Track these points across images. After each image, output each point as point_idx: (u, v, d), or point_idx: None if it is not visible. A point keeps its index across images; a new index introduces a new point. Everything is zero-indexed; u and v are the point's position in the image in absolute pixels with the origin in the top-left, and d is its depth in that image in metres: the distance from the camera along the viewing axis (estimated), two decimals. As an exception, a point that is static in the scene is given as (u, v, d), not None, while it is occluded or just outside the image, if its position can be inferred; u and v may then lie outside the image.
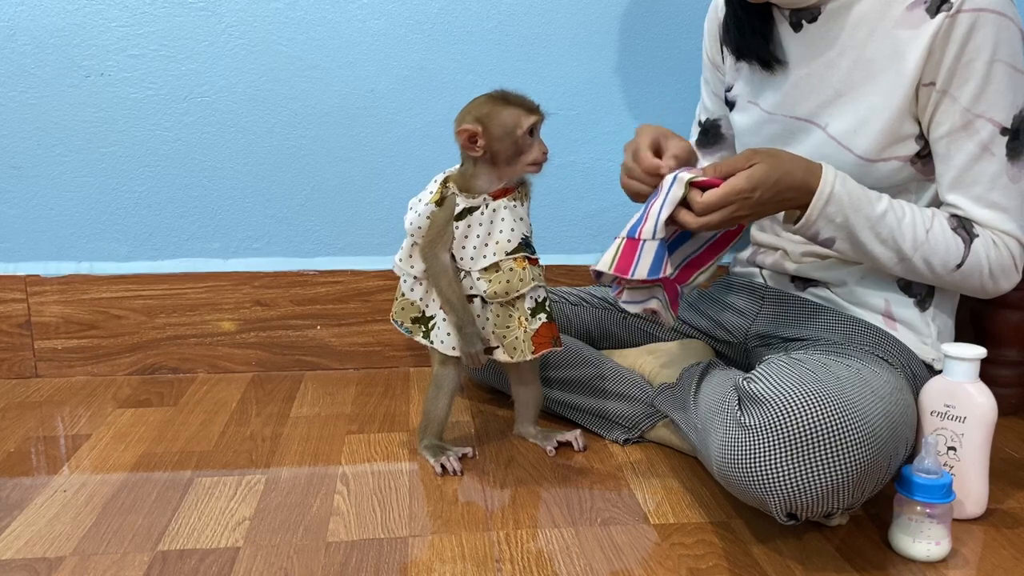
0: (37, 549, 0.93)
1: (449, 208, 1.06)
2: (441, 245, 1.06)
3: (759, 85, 1.12)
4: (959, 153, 0.97)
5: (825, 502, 0.85)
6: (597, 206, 1.53)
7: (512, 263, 1.06)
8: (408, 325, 1.14)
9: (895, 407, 0.90)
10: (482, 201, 1.06)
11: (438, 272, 1.07)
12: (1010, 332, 1.28)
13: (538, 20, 1.46)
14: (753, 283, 1.21)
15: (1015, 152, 0.96)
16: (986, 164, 0.97)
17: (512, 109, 1.04)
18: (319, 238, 1.50)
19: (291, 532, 0.97)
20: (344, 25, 1.43)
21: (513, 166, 1.05)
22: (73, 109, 1.41)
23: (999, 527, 0.99)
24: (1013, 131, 0.96)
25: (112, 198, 1.45)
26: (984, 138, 0.96)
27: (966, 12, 0.93)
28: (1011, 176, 0.97)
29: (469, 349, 1.07)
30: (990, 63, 0.94)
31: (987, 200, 0.98)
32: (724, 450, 0.89)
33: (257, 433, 1.25)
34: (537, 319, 1.08)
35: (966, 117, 0.96)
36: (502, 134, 1.03)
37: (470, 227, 1.06)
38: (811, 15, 1.03)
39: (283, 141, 1.46)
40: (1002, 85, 0.94)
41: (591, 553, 0.93)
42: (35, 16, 1.37)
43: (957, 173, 0.98)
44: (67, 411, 1.33)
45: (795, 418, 0.84)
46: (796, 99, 1.07)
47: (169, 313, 1.48)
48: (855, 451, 0.83)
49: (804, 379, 0.88)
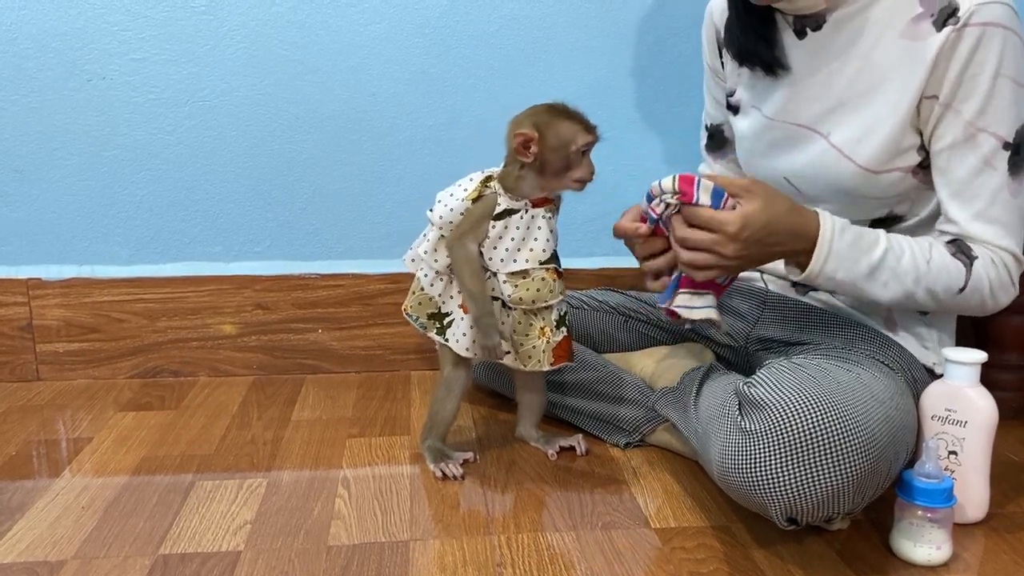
0: (39, 552, 0.93)
1: (488, 205, 1.06)
2: (472, 237, 1.06)
3: (760, 90, 1.12)
4: (961, 167, 0.97)
5: (825, 507, 0.85)
6: (598, 210, 1.53)
7: (544, 273, 1.07)
8: (423, 320, 1.13)
9: (896, 412, 0.90)
10: (523, 205, 1.06)
11: (463, 261, 1.06)
12: (1011, 336, 1.28)
13: (539, 25, 1.46)
14: (754, 287, 1.22)
15: (1016, 167, 0.96)
16: (987, 178, 0.96)
17: (572, 124, 1.04)
18: (321, 242, 1.51)
19: (292, 536, 0.97)
20: (345, 29, 1.43)
21: (559, 179, 1.05)
22: (75, 113, 1.41)
23: (1000, 531, 0.99)
24: (1015, 145, 0.95)
25: (114, 201, 1.45)
26: (986, 152, 0.95)
27: (973, 26, 0.92)
28: (1012, 191, 0.97)
29: (487, 341, 1.06)
30: (995, 77, 0.93)
31: (987, 215, 0.97)
32: (725, 455, 0.89)
33: (258, 437, 1.25)
34: (560, 332, 1.09)
35: (969, 131, 0.95)
36: (557, 145, 1.03)
37: (507, 228, 1.05)
38: (816, 23, 1.03)
39: (285, 145, 1.46)
40: (1006, 100, 0.94)
41: (592, 557, 0.93)
42: (37, 20, 1.38)
43: (958, 187, 0.98)
44: (68, 414, 1.33)
45: (795, 423, 0.84)
46: (798, 106, 1.07)
47: (171, 316, 1.48)
48: (855, 456, 0.83)
49: (804, 384, 0.88)
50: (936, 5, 0.95)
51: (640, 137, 1.52)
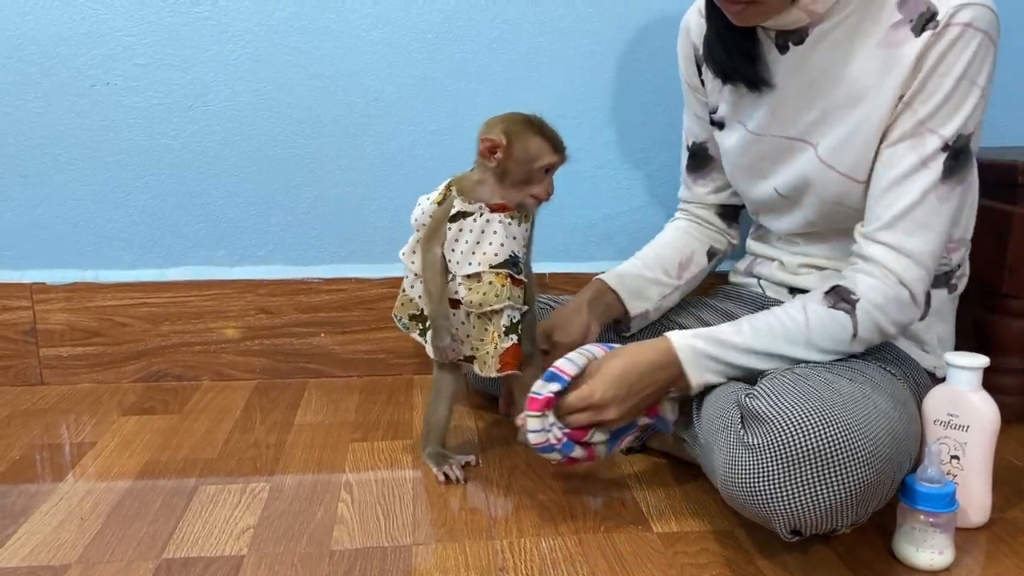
0: (42, 557, 0.93)
1: (447, 208, 1.07)
2: (435, 241, 1.07)
3: (744, 106, 1.11)
4: (900, 163, 0.96)
5: (829, 520, 0.85)
6: (600, 214, 1.54)
7: (493, 276, 1.05)
8: (406, 321, 1.16)
9: (899, 423, 0.90)
10: (477, 209, 1.06)
11: (427, 264, 1.08)
12: (1013, 340, 1.28)
13: (541, 30, 1.46)
14: (752, 293, 1.22)
15: (951, 171, 0.95)
16: (921, 177, 0.95)
17: (541, 141, 1.04)
18: (323, 246, 1.51)
19: (295, 540, 0.97)
20: (348, 35, 1.44)
21: (518, 190, 1.05)
22: (79, 118, 1.42)
23: (1002, 536, 0.99)
24: (954, 149, 0.94)
25: (117, 206, 1.46)
26: (928, 152, 0.95)
27: (954, 25, 0.92)
28: (940, 195, 0.95)
29: (438, 342, 1.07)
30: (959, 79, 0.93)
31: (909, 217, 0.95)
32: (728, 469, 0.89)
33: (261, 441, 1.25)
34: (508, 339, 1.06)
35: (918, 129, 0.95)
36: (522, 158, 1.03)
37: (461, 231, 1.06)
38: (799, 37, 1.02)
39: (287, 150, 1.47)
40: (960, 102, 0.94)
41: (594, 561, 0.93)
42: (41, 26, 1.38)
43: (889, 183, 0.97)
44: (72, 418, 1.34)
45: (797, 438, 0.84)
46: (784, 119, 1.06)
47: (174, 321, 1.48)
48: (858, 470, 0.83)
49: (806, 397, 0.87)
50: (915, 11, 0.95)
51: (643, 142, 1.52)
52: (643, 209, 1.54)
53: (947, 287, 1.11)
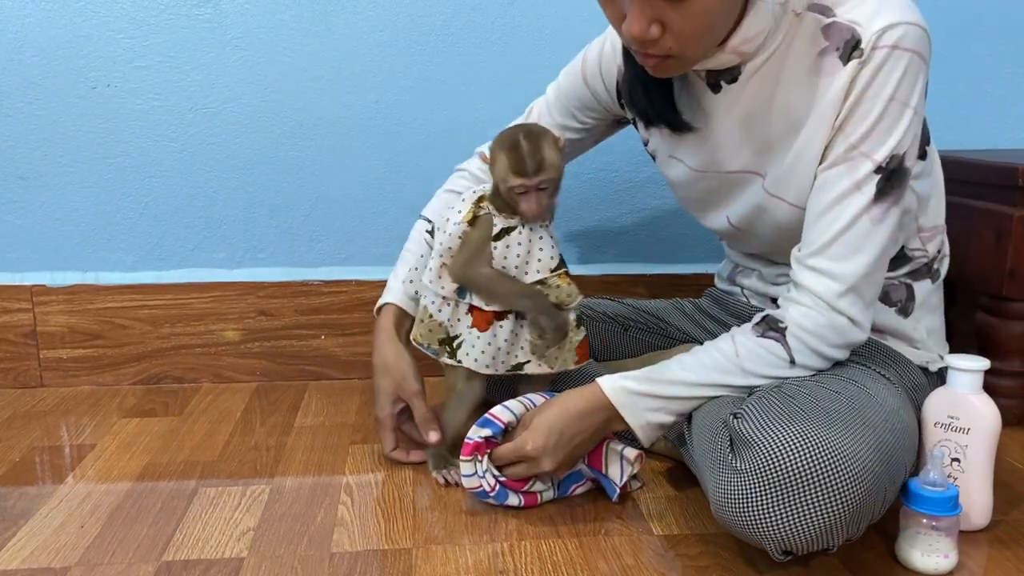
0: (42, 559, 0.93)
1: (485, 227, 1.05)
2: (481, 262, 1.05)
3: (679, 143, 1.09)
4: (833, 189, 0.94)
5: (821, 541, 0.84)
6: (601, 216, 1.54)
7: (557, 279, 1.07)
8: (435, 347, 1.11)
9: (890, 435, 0.89)
10: (518, 221, 1.05)
11: (486, 282, 1.05)
12: (1014, 343, 1.28)
13: (542, 32, 1.47)
14: (738, 301, 1.22)
15: (884, 193, 0.93)
16: (853, 201, 0.94)
17: (505, 163, 1.01)
18: (324, 248, 1.51)
19: (295, 543, 0.97)
20: (349, 37, 1.44)
21: (515, 203, 1.04)
22: (79, 120, 1.42)
23: (1004, 539, 0.99)
24: (887, 171, 0.93)
25: (118, 208, 1.46)
26: (859, 176, 0.93)
27: (880, 49, 0.91)
28: (873, 218, 0.93)
29: (557, 321, 1.06)
30: (888, 101, 0.92)
31: (841, 242, 0.94)
32: (718, 494, 0.89)
33: (261, 443, 1.25)
34: (580, 331, 1.09)
35: (850, 153, 0.94)
36: (498, 177, 1.04)
37: (508, 247, 1.05)
38: (731, 76, 1.00)
39: (288, 152, 1.47)
40: (890, 124, 0.92)
41: (595, 564, 0.93)
42: (42, 28, 1.38)
43: (822, 208, 0.95)
44: (72, 421, 1.34)
45: (784, 463, 0.83)
46: (727, 156, 1.04)
47: (174, 323, 1.48)
48: (847, 491, 0.82)
49: (793, 419, 0.86)
50: (840, 38, 0.93)
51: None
52: (644, 212, 1.55)
53: (930, 276, 1.09)
